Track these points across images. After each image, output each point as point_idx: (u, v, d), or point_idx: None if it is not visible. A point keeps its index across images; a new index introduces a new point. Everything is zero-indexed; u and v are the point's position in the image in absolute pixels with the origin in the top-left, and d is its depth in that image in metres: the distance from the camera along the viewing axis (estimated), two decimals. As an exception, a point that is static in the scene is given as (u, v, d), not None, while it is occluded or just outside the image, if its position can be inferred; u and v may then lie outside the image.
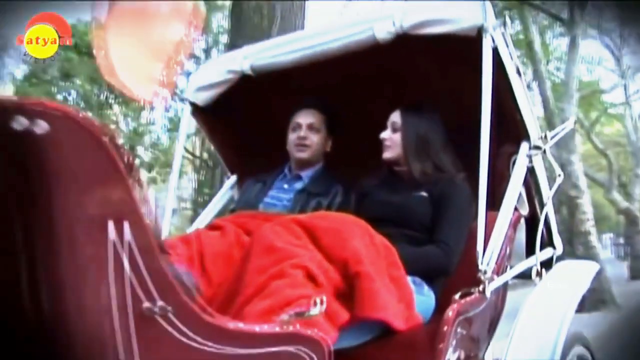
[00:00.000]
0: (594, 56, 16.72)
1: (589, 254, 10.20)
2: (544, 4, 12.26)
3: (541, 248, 2.47)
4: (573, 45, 11.66)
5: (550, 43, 15.79)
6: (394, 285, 1.87)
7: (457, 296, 1.91)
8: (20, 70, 14.76)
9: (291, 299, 1.60)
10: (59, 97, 15.19)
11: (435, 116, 2.32)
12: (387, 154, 2.34)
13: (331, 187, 2.55)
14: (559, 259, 2.68)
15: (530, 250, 2.46)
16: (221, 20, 16.14)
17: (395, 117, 2.34)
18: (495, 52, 2.15)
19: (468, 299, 1.93)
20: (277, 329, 1.35)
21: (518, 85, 2.28)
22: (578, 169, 11.13)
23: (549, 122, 11.44)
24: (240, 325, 1.26)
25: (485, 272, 1.98)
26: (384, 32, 2.30)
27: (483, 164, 2.04)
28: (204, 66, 2.90)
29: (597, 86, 17.14)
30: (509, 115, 2.30)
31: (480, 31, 2.13)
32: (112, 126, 15.64)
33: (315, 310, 1.41)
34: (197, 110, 2.83)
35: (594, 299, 9.61)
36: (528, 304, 2.28)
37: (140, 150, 15.75)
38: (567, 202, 11.09)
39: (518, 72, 2.29)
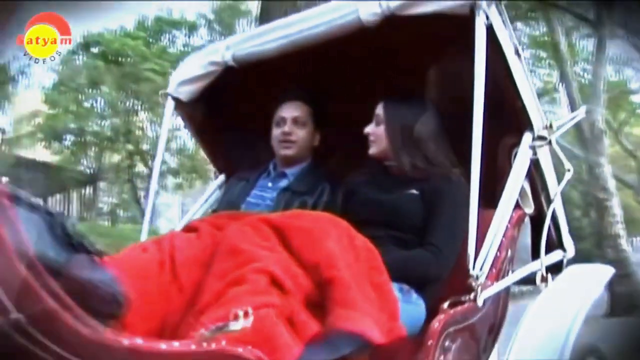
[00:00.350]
0: (622, 56, 16.34)
1: (619, 257, 9.90)
2: (570, 5, 11.99)
3: (549, 250, 2.23)
4: (600, 45, 11.38)
5: (577, 44, 15.46)
6: (375, 292, 1.67)
7: (445, 305, 1.69)
8: (48, 79, 15.03)
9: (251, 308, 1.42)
10: (86, 104, 15.40)
11: (425, 105, 2.11)
12: (372, 150, 2.15)
13: (317, 185, 2.34)
14: (578, 262, 2.45)
15: (536, 253, 2.23)
16: (245, 26, 16.14)
17: (379, 109, 2.15)
18: (491, 31, 1.93)
19: (459, 308, 1.70)
20: (194, 347, 1.13)
21: (517, 68, 2.05)
22: (606, 171, 10.80)
23: (577, 124, 11.16)
24: (139, 342, 1.04)
25: (477, 278, 1.75)
26: (369, 13, 2.09)
27: (475, 155, 1.82)
28: (186, 59, 2.73)
29: (626, 87, 16.67)
30: (509, 102, 2.08)
31: (473, 8, 1.91)
32: (138, 132, 15.78)
33: (236, 325, 1.19)
34: (181, 106, 2.65)
35: (625, 303, 9.28)
36: (530, 313, 2.05)
37: (166, 156, 15.83)
38: (595, 205, 10.80)
39: (517, 53, 2.06)
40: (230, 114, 2.68)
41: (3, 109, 14.65)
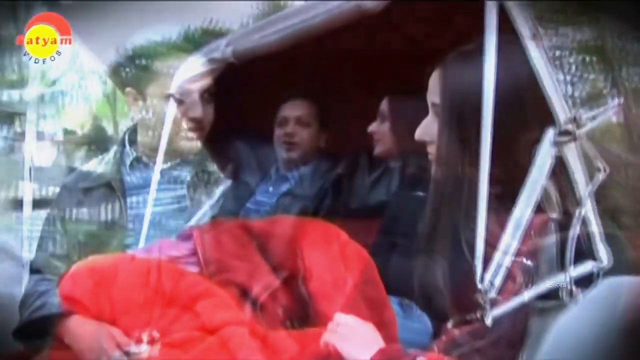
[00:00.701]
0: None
1: (675, 269, 9.44)
2: (618, 7, 11.58)
3: (579, 260, 1.98)
4: (652, 48, 10.95)
5: (627, 48, 15.00)
6: (368, 308, 1.48)
7: (449, 324, 1.48)
8: (97, 90, 15.52)
9: (216, 325, 1.27)
10: (131, 114, 15.79)
11: None
12: (377, 149, 2.03)
13: (321, 189, 2.17)
14: (629, 274, 2.19)
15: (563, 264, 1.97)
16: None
17: (383, 105, 2.03)
18: (504, 12, 1.72)
19: (465, 328, 1.48)
20: None
21: (536, 54, 1.81)
22: (660, 178, 10.36)
23: (630, 131, 10.76)
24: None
25: (485, 293, 1.52)
26: None
27: (484, 152, 1.61)
28: (188, 59, 2.60)
29: (680, 90, 16.16)
30: (528, 92, 1.85)
31: None
32: (184, 142, 16.14)
33: (138, 348, 1.02)
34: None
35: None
36: (555, 331, 1.80)
37: (210, 164, 16.10)
38: (647, 213, 10.36)
39: (535, 37, 1.83)
40: (233, 114, 2.53)
41: (55, 120, 15.07)
